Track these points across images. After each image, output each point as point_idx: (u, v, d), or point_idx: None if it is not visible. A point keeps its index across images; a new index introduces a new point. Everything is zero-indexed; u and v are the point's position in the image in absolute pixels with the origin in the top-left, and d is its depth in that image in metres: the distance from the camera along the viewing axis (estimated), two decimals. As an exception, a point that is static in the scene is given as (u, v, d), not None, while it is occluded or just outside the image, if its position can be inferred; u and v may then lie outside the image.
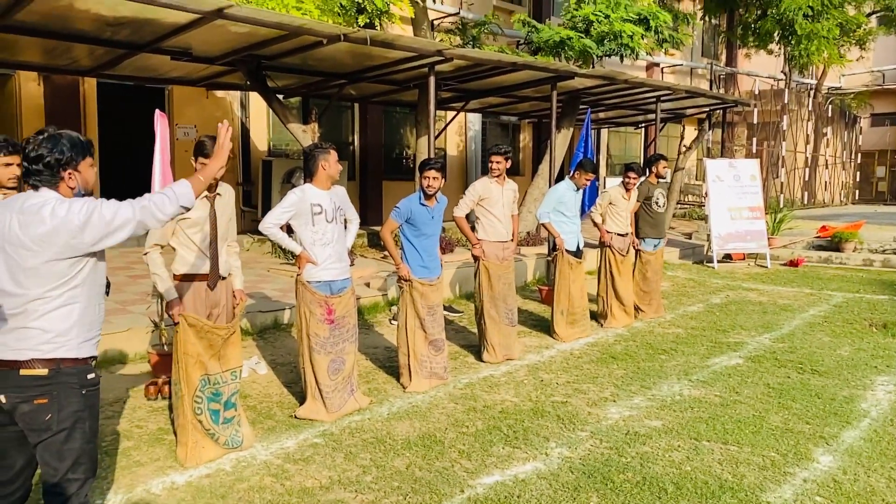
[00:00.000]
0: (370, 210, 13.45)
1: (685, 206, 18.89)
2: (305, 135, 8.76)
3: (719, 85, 22.06)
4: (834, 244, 12.49)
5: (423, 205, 5.16)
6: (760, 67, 23.05)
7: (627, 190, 7.31)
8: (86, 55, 7.99)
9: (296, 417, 4.53)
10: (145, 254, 4.01)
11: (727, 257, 12.11)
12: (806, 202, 22.27)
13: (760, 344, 6.54)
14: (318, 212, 4.45)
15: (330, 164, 4.46)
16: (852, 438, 4.23)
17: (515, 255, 6.44)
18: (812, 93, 22.63)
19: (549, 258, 7.43)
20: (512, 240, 6.15)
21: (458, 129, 15.77)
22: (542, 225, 6.86)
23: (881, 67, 27.87)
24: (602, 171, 19.35)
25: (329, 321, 4.50)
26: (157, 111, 5.38)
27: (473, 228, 6.10)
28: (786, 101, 20.53)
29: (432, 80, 8.15)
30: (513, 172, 17.29)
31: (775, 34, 17.57)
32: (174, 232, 4.05)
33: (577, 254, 6.89)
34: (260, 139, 12.56)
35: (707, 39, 22.85)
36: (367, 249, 10.74)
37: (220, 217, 4.08)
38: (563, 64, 10.02)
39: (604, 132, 19.48)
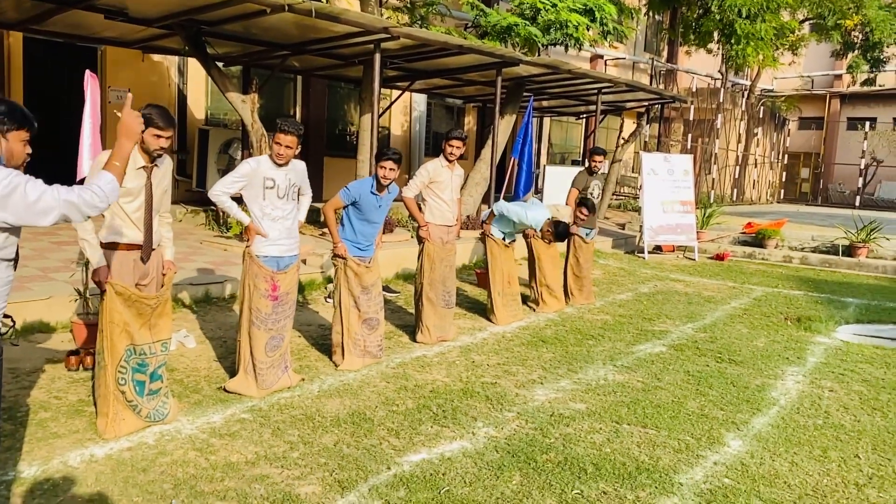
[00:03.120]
0: (310, 186, 13.26)
1: (620, 197, 19.37)
2: (245, 105, 8.56)
3: (659, 80, 22.62)
4: (758, 240, 13.05)
5: (374, 193, 5.15)
6: (699, 66, 23.74)
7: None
8: (12, 7, 7.57)
9: (224, 390, 4.48)
10: None
11: (658, 248, 12.51)
12: (735, 199, 23.16)
13: (683, 333, 6.81)
14: (269, 186, 4.39)
15: (274, 142, 4.35)
16: (761, 424, 4.47)
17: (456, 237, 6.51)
18: (746, 93, 23.47)
19: (479, 238, 7.56)
20: (456, 223, 6.23)
21: (403, 109, 15.69)
22: (490, 211, 6.99)
23: (811, 73, 29.14)
24: (543, 159, 19.62)
25: (273, 297, 4.47)
26: (88, 72, 5.16)
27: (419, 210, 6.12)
28: (721, 100, 21.23)
29: (378, 57, 8.08)
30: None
31: (715, 34, 18.13)
32: None
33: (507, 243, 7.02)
34: (197, 107, 12.19)
35: (650, 35, 23.36)
36: (306, 226, 10.57)
37: (156, 188, 3.94)
38: (508, 50, 10.07)
39: (546, 121, 19.74)
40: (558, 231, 7.02)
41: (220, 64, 9.05)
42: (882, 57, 22.41)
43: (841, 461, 3.96)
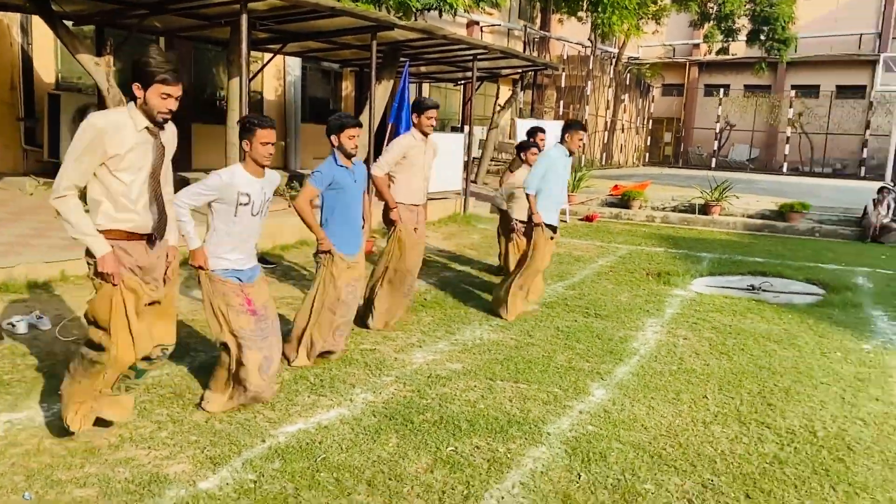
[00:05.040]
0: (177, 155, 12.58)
1: (498, 163, 19.78)
2: (98, 68, 7.96)
3: (533, 48, 23.13)
4: (623, 202, 13.80)
5: (342, 166, 4.68)
6: (571, 34, 24.49)
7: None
8: None
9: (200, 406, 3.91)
10: (58, 198, 2.98)
11: (533, 212, 12.91)
12: (604, 163, 24.27)
13: (554, 291, 7.12)
14: (244, 202, 3.74)
15: (252, 144, 3.69)
16: (623, 374, 4.78)
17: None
18: (614, 61, 24.49)
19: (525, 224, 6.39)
20: (424, 205, 5.70)
21: (277, 73, 15.14)
22: (527, 196, 5.97)
23: (672, 42, 30.83)
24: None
25: (251, 311, 3.85)
26: None
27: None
28: (591, 68, 22.04)
29: (244, 17, 7.72)
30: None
31: (583, 2, 18.71)
32: (95, 173, 3.03)
33: (553, 228, 6.10)
34: (46, 70, 11.18)
35: (524, 2, 23.75)
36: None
37: (167, 154, 3.22)
38: (383, 14, 9.92)
39: (425, 87, 19.70)
40: (570, 124, 6.20)
41: (68, 23, 8.32)
42: (734, 27, 24.03)
43: (691, 402, 4.32)
